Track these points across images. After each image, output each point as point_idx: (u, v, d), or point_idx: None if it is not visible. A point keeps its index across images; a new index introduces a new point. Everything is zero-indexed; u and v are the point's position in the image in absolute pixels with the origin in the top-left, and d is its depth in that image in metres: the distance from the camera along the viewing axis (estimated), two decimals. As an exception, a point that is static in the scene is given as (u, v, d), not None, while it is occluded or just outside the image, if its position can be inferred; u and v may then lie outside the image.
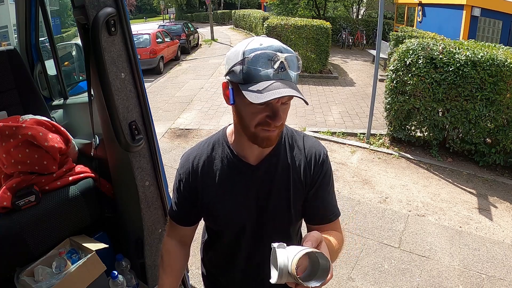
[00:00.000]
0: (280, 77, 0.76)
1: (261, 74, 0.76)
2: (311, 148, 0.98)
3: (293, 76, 0.79)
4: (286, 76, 0.77)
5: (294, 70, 0.79)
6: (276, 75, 0.76)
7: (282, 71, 0.76)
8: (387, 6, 14.41)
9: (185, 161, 1.00)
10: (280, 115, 0.80)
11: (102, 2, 1.09)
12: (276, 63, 0.75)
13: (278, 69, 0.76)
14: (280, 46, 0.78)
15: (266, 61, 0.76)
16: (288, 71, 0.77)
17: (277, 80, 0.75)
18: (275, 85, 0.75)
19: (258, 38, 0.81)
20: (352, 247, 2.64)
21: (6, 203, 1.31)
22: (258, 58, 0.76)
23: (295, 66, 0.79)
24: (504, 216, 3.08)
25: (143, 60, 9.32)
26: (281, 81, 0.76)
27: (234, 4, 35.54)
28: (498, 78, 3.56)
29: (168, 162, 3.98)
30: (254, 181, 0.94)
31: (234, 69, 0.79)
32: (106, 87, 1.13)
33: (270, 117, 0.79)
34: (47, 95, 2.28)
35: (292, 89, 0.75)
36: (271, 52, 0.76)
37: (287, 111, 0.84)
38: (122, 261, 1.46)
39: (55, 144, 1.48)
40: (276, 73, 0.76)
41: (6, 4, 5.46)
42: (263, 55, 0.76)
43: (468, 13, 8.40)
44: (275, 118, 0.79)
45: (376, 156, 4.26)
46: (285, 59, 0.76)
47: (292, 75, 0.78)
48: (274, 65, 0.75)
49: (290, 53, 0.79)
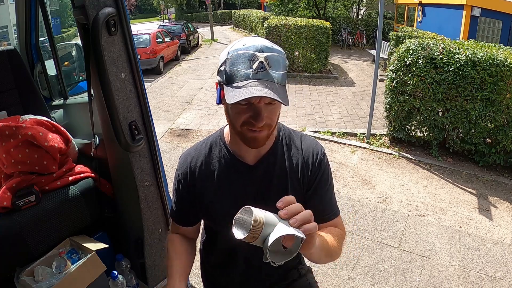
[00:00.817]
0: (259, 77, 0.76)
1: (240, 74, 0.76)
2: (309, 147, 0.98)
3: (276, 76, 0.77)
4: (266, 76, 0.76)
5: (279, 70, 0.78)
6: (255, 75, 0.76)
7: (262, 71, 0.76)
8: (387, 6, 14.41)
9: (183, 161, 1.00)
10: (262, 116, 0.79)
11: (102, 2, 1.09)
12: (255, 63, 0.76)
13: (257, 69, 0.76)
14: (262, 46, 0.78)
15: (246, 61, 0.76)
16: (268, 71, 0.76)
17: (255, 80, 0.75)
18: (251, 85, 0.75)
19: (245, 38, 0.82)
20: (352, 247, 2.64)
21: (6, 203, 1.31)
22: (239, 58, 0.77)
23: (281, 65, 0.79)
24: (504, 216, 3.09)
25: (143, 60, 9.32)
26: (258, 81, 0.75)
27: (234, 4, 35.53)
28: (498, 78, 3.56)
29: (168, 162, 3.98)
30: (252, 180, 0.94)
31: (221, 69, 0.81)
32: (106, 87, 1.14)
33: (253, 118, 0.80)
34: (47, 95, 2.28)
35: (267, 90, 0.74)
36: (251, 52, 0.77)
37: (275, 112, 0.83)
38: (122, 261, 1.46)
39: (55, 144, 1.48)
40: (255, 73, 0.76)
41: (6, 4, 5.47)
42: (243, 55, 0.77)
43: (468, 13, 8.40)
44: (256, 118, 0.79)
45: (376, 156, 4.26)
46: (265, 58, 0.76)
47: (274, 74, 0.77)
48: (253, 65, 0.76)
49: (275, 52, 0.78)
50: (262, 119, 0.79)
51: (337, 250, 0.90)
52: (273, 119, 0.83)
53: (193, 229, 1.07)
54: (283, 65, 0.79)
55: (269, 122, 0.83)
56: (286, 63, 0.80)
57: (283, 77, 0.79)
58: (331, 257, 0.89)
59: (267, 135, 0.86)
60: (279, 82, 0.78)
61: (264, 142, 0.87)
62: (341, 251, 0.94)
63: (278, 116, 0.87)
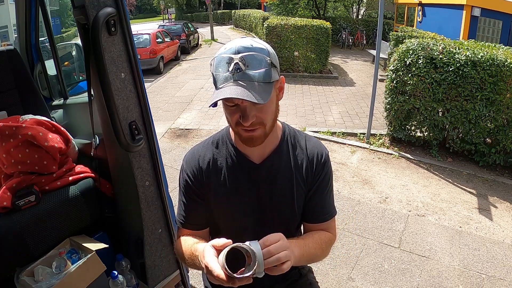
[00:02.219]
0: (236, 78, 0.77)
1: (220, 77, 0.79)
2: (313, 148, 0.99)
3: (254, 75, 0.78)
4: (243, 77, 0.77)
5: (258, 68, 0.78)
6: (232, 77, 0.78)
7: (238, 72, 0.77)
8: (387, 6, 14.41)
9: (191, 158, 0.99)
10: (248, 115, 0.81)
11: (102, 2, 1.09)
12: (231, 65, 0.78)
13: (233, 70, 0.77)
14: (239, 47, 0.79)
15: (225, 65, 0.79)
16: (245, 71, 0.77)
17: (231, 82, 0.77)
18: (226, 87, 0.77)
19: (231, 41, 0.83)
20: (352, 247, 2.64)
21: (6, 203, 1.31)
22: (220, 62, 0.80)
23: (261, 63, 0.79)
24: (504, 216, 3.08)
25: (143, 60, 9.32)
26: (234, 82, 0.77)
27: (234, 4, 35.53)
28: (498, 78, 3.56)
29: (168, 162, 3.97)
30: (258, 179, 0.95)
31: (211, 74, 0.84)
32: (106, 87, 1.14)
33: (240, 117, 0.82)
34: (47, 95, 2.28)
35: (240, 90, 0.75)
36: (228, 55, 0.78)
37: (264, 110, 0.83)
38: (122, 261, 1.46)
39: (55, 144, 1.48)
40: (232, 75, 0.77)
41: (6, 4, 5.47)
42: (223, 59, 0.79)
43: (468, 13, 8.39)
44: (243, 118, 0.81)
45: (376, 156, 4.26)
46: (241, 59, 0.77)
47: (251, 73, 0.78)
48: (229, 68, 0.78)
49: (253, 51, 0.78)
50: (248, 118, 0.81)
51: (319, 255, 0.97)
52: (263, 117, 0.84)
53: (202, 234, 1.02)
54: (265, 62, 0.79)
55: (260, 121, 0.83)
56: (268, 60, 0.80)
57: (266, 74, 0.79)
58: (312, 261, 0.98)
59: (263, 134, 0.86)
60: (260, 80, 0.78)
61: (262, 141, 0.87)
62: (327, 253, 1.01)
63: (274, 114, 0.87)
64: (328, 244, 1.00)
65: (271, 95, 0.81)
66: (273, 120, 0.88)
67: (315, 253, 0.94)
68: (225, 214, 0.98)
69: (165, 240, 1.52)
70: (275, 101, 0.87)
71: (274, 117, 0.88)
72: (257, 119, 0.82)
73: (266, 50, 0.81)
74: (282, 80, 0.89)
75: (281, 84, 0.89)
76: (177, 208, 1.03)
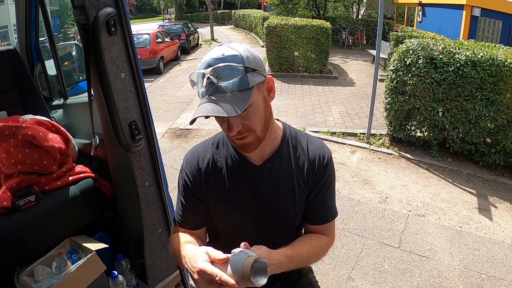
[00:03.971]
0: (209, 93, 0.78)
1: (199, 93, 0.81)
2: (315, 150, 0.98)
3: (227, 86, 0.77)
4: (215, 90, 0.78)
5: (231, 78, 0.77)
6: (207, 92, 0.78)
7: (211, 86, 0.78)
8: (387, 6, 14.41)
9: (191, 158, 0.99)
10: (231, 126, 0.82)
11: (102, 2, 1.09)
12: (204, 80, 0.78)
13: (207, 85, 0.78)
14: (210, 60, 0.78)
15: (201, 80, 0.80)
16: (217, 84, 0.77)
17: (205, 98, 0.79)
18: (202, 105, 0.78)
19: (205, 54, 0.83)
20: (352, 247, 2.64)
21: (6, 203, 1.31)
22: (197, 78, 0.81)
23: (233, 72, 0.77)
24: (504, 216, 3.09)
25: (143, 60, 9.32)
26: (207, 98, 0.78)
27: (234, 4, 35.54)
28: (498, 78, 3.56)
29: (168, 162, 3.97)
30: (258, 181, 0.95)
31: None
32: (106, 87, 1.14)
33: (227, 128, 0.83)
34: (47, 95, 2.28)
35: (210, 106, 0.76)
36: (201, 71, 0.79)
37: (249, 117, 0.82)
38: (122, 261, 1.46)
39: (55, 144, 1.48)
40: (206, 90, 0.78)
41: (6, 4, 5.47)
42: (199, 75, 0.80)
43: (468, 13, 8.40)
44: (228, 129, 0.83)
45: (376, 156, 4.26)
46: (212, 72, 0.77)
47: (224, 85, 0.77)
48: (203, 83, 0.78)
49: (225, 61, 0.77)
50: (233, 128, 0.82)
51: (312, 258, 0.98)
52: (250, 124, 0.83)
53: (199, 233, 1.02)
54: (238, 70, 0.77)
55: (247, 128, 0.83)
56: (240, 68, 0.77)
57: (241, 82, 0.77)
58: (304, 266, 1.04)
59: (255, 139, 0.85)
60: (234, 90, 0.77)
61: (256, 146, 0.87)
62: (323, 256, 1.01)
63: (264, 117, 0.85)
64: (324, 248, 1.00)
65: (254, 100, 0.80)
66: (264, 124, 0.86)
67: (307, 257, 0.95)
68: (224, 215, 0.97)
69: (165, 240, 1.52)
70: (263, 103, 0.84)
71: (264, 121, 0.86)
72: (243, 127, 0.82)
73: (239, 57, 0.78)
74: (269, 79, 0.86)
75: (268, 84, 0.86)
76: (175, 206, 1.03)
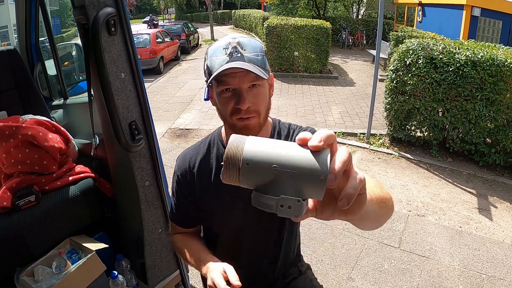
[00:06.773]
0: (234, 59, 0.79)
1: (218, 62, 0.80)
2: None
3: (252, 58, 0.80)
4: (241, 58, 0.79)
5: (255, 52, 0.81)
6: (231, 59, 0.79)
7: (236, 54, 0.79)
8: (387, 6, 14.40)
9: (182, 161, 1.00)
10: (245, 98, 0.80)
11: (102, 2, 1.09)
12: (228, 49, 0.80)
13: (232, 53, 0.79)
14: (236, 35, 0.83)
15: (221, 50, 0.81)
16: (243, 54, 0.79)
17: (230, 61, 0.79)
18: (226, 65, 0.78)
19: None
20: (352, 247, 2.64)
21: (6, 203, 1.31)
22: (215, 50, 0.82)
23: (255, 48, 0.81)
24: (504, 216, 3.08)
25: (143, 60, 9.32)
26: (233, 61, 0.78)
27: (234, 4, 35.53)
28: (498, 78, 3.56)
29: (168, 162, 3.97)
30: None
31: (204, 70, 0.85)
32: (106, 87, 1.13)
33: (237, 103, 0.81)
34: (47, 95, 2.28)
35: (243, 63, 0.77)
36: (224, 42, 0.81)
37: (259, 96, 0.83)
38: (122, 261, 1.46)
39: (55, 144, 1.48)
40: (230, 56, 0.79)
41: (6, 4, 5.46)
42: (218, 47, 0.82)
43: (468, 13, 8.40)
44: (239, 101, 0.80)
45: (376, 156, 4.26)
46: (238, 43, 0.80)
47: (250, 56, 0.80)
48: (227, 51, 0.80)
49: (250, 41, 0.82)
50: (245, 101, 0.80)
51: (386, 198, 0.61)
52: (258, 104, 0.83)
53: (194, 231, 1.07)
54: (261, 50, 0.83)
55: (256, 108, 0.83)
56: (264, 49, 0.83)
57: (262, 60, 0.81)
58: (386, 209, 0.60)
59: (258, 123, 0.85)
60: (257, 64, 0.80)
61: (257, 131, 0.86)
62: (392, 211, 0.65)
63: (267, 106, 0.87)
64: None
65: (266, 84, 0.84)
66: (266, 112, 0.88)
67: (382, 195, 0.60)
68: (218, 214, 0.97)
69: (165, 240, 1.52)
70: (268, 95, 0.88)
71: (267, 110, 0.88)
72: (253, 105, 0.82)
73: (259, 42, 0.85)
74: (271, 77, 0.90)
75: (270, 81, 0.89)
76: (170, 206, 1.07)
